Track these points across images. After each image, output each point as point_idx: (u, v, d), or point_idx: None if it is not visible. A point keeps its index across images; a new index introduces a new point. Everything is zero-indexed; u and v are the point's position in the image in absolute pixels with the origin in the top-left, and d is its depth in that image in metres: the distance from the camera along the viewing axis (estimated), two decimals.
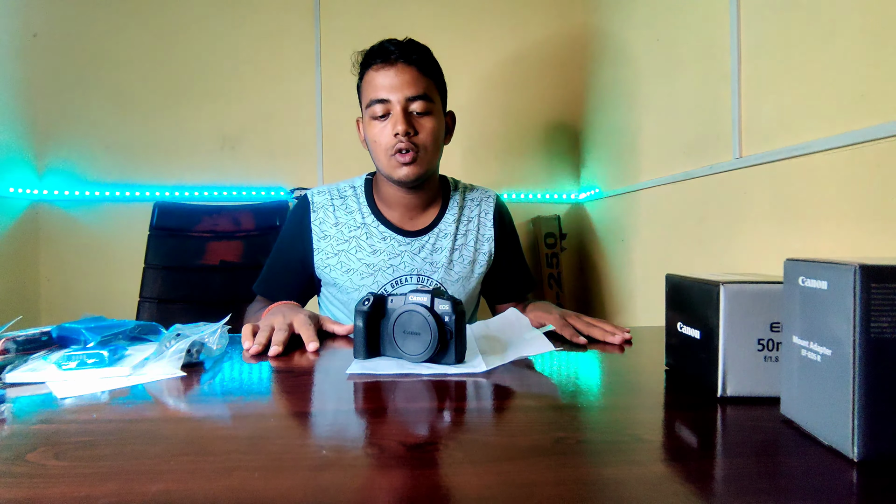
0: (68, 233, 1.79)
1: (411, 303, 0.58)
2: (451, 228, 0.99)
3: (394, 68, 0.87)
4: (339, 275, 0.95)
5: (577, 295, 1.98)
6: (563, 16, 1.96)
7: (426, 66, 0.89)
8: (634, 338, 0.73)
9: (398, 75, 0.87)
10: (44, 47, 1.76)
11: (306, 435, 0.40)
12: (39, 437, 0.39)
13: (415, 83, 0.87)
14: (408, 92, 0.86)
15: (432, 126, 0.89)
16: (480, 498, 0.29)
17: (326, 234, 0.96)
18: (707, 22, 1.12)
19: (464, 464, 0.34)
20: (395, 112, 0.86)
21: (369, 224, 0.96)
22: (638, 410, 0.45)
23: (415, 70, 0.87)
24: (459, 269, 0.99)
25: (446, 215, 1.00)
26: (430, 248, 0.97)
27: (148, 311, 1.33)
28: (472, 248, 1.00)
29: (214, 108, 1.84)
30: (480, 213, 1.03)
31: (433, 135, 0.89)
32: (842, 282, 0.33)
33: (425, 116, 0.89)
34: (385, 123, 0.88)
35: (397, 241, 0.96)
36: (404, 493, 0.30)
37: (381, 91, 0.87)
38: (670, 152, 1.30)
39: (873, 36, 0.71)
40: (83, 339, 0.61)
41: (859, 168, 0.73)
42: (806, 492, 0.31)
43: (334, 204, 0.98)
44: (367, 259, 0.95)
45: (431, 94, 0.89)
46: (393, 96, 0.86)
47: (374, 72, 0.88)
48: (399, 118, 0.86)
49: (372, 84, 0.88)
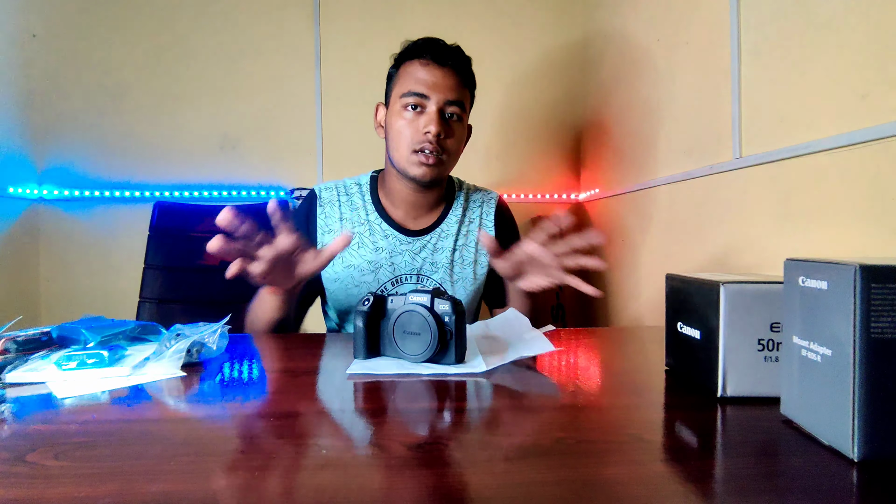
0: (68, 233, 1.79)
1: (411, 303, 0.58)
2: (453, 229, 0.99)
3: (441, 70, 0.88)
4: (340, 269, 0.96)
5: (578, 295, 1.98)
6: (564, 16, 1.96)
7: (468, 76, 0.93)
8: (634, 338, 0.73)
9: (444, 77, 0.88)
10: (43, 48, 1.76)
11: (306, 435, 0.40)
12: (39, 438, 0.38)
13: (457, 89, 0.89)
14: (449, 95, 0.88)
15: (459, 135, 0.92)
16: (480, 498, 0.29)
17: (331, 229, 0.97)
18: (707, 22, 1.12)
19: (464, 464, 0.34)
20: (431, 111, 0.88)
21: (372, 221, 0.97)
22: (638, 410, 0.45)
23: (459, 77, 0.90)
24: (460, 270, 0.99)
25: (449, 216, 1.00)
26: (432, 248, 0.98)
27: (148, 312, 1.33)
28: (472, 249, 1.00)
29: (214, 108, 1.84)
30: (482, 214, 1.03)
31: (459, 143, 0.92)
32: (842, 282, 0.33)
33: (456, 123, 0.91)
34: (416, 118, 0.88)
35: (399, 240, 0.96)
36: (404, 493, 0.30)
37: (422, 86, 0.88)
38: (670, 152, 1.30)
39: (874, 36, 0.71)
40: (83, 339, 0.61)
41: (859, 168, 0.73)
42: (806, 492, 0.31)
43: (340, 200, 0.99)
44: (368, 256, 0.95)
45: (465, 103, 0.92)
46: (434, 95, 0.87)
47: (421, 65, 0.89)
48: (435, 118, 0.87)
49: (415, 76, 0.89)
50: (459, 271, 0.99)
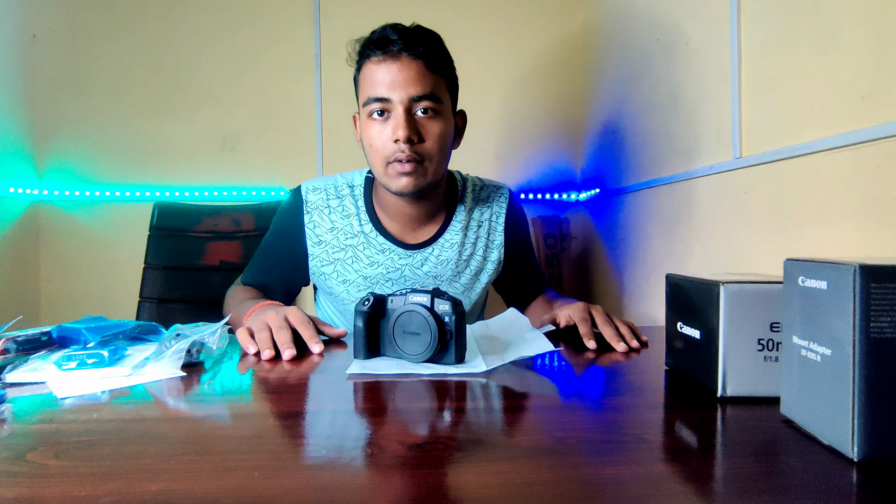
0: (68, 233, 1.79)
1: (411, 303, 0.58)
2: (457, 238, 0.89)
3: (397, 62, 0.75)
4: (335, 284, 0.89)
5: (578, 295, 1.98)
6: (564, 15, 1.96)
7: (435, 59, 0.77)
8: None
9: (402, 70, 0.74)
10: (43, 48, 1.76)
11: (306, 435, 0.40)
12: (39, 437, 0.39)
13: (421, 80, 0.75)
14: (412, 91, 0.75)
15: (439, 131, 0.77)
16: (480, 498, 0.29)
17: (322, 240, 0.88)
18: (707, 22, 1.12)
19: (464, 464, 0.34)
20: (397, 114, 0.75)
21: (367, 233, 0.87)
22: (638, 410, 0.45)
23: (421, 65, 0.75)
24: (465, 280, 0.92)
25: (453, 223, 0.90)
26: (434, 261, 0.89)
27: (148, 311, 1.33)
28: (480, 256, 0.92)
29: (214, 108, 1.84)
30: (492, 216, 0.92)
31: (440, 141, 0.78)
32: (842, 282, 0.33)
33: (432, 119, 0.77)
34: (384, 125, 0.77)
35: (397, 255, 0.87)
36: (404, 493, 0.30)
37: (380, 88, 0.75)
38: (670, 152, 1.30)
39: (874, 36, 0.71)
40: (83, 339, 0.61)
41: (859, 168, 0.73)
42: (806, 492, 0.31)
43: (330, 205, 0.88)
44: (364, 271, 0.88)
45: (440, 93, 0.78)
46: (395, 95, 0.75)
47: (374, 64, 0.76)
48: (401, 122, 0.74)
49: (370, 79, 0.76)
50: (464, 282, 0.92)
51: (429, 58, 0.76)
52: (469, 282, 0.93)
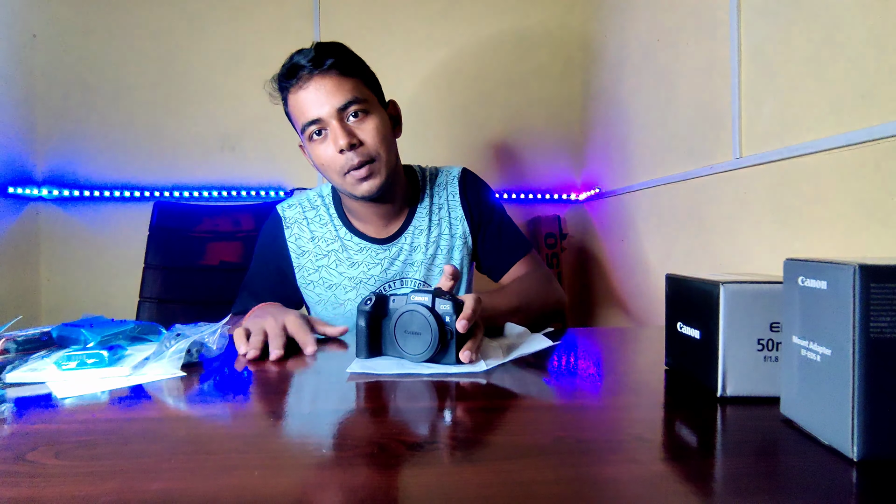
0: (68, 233, 1.79)
1: (413, 303, 0.58)
2: (424, 223, 0.95)
3: (312, 82, 0.80)
4: (322, 290, 0.93)
5: (578, 295, 1.98)
6: (564, 15, 1.96)
7: (345, 65, 0.82)
8: (634, 338, 0.73)
9: (320, 88, 0.80)
10: (43, 48, 1.76)
11: (306, 434, 0.40)
12: (39, 437, 0.39)
13: (339, 89, 0.80)
14: (336, 101, 0.80)
15: (374, 126, 0.82)
16: (480, 497, 0.29)
17: (304, 250, 0.93)
18: (707, 23, 1.12)
19: (464, 463, 0.34)
20: (332, 127, 0.80)
21: (343, 237, 0.93)
22: (638, 410, 0.45)
23: (335, 75, 0.80)
24: (440, 260, 0.95)
25: (418, 210, 0.95)
26: (409, 249, 0.94)
27: (148, 311, 1.33)
28: (447, 234, 0.96)
29: (214, 108, 1.84)
30: (448, 195, 0.98)
31: (379, 136, 0.82)
32: (841, 282, 0.33)
33: (364, 120, 0.82)
34: (326, 142, 0.82)
35: (374, 251, 0.93)
36: (404, 493, 0.30)
37: (309, 111, 0.80)
38: (670, 152, 1.30)
39: (874, 36, 0.71)
40: (83, 339, 0.61)
41: (859, 168, 0.73)
42: (806, 492, 0.31)
43: (307, 217, 0.94)
44: (347, 272, 0.92)
45: (362, 94, 0.82)
46: (323, 111, 0.80)
47: (294, 93, 0.82)
48: (338, 133, 0.79)
49: (297, 107, 0.82)
50: (442, 261, 0.95)
51: (339, 66, 0.81)
52: (445, 261, 0.96)
